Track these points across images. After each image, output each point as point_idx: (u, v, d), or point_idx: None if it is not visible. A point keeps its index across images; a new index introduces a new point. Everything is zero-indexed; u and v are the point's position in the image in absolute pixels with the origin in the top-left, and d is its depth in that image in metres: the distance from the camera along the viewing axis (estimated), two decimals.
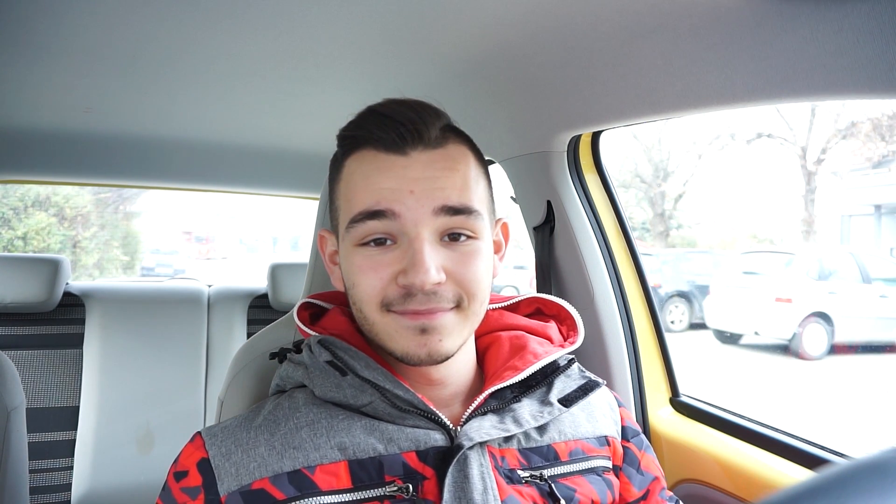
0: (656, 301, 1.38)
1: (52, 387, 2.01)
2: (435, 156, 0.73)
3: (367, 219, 0.71)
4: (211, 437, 0.74)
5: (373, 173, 0.72)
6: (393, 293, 0.71)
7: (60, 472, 1.98)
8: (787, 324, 7.25)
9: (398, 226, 0.71)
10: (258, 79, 1.35)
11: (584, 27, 0.97)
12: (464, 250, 0.72)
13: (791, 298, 7.32)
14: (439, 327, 0.71)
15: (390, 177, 0.71)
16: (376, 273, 0.72)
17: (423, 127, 0.72)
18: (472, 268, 0.73)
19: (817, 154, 11.51)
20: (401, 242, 0.72)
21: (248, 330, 2.31)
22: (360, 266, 0.72)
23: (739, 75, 0.84)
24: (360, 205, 0.72)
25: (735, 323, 8.05)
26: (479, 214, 0.73)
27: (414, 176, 0.71)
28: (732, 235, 14.16)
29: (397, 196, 0.70)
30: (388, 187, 0.71)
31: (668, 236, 13.69)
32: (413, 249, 0.69)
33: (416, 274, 0.68)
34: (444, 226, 0.72)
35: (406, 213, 0.70)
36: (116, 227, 13.12)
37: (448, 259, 0.72)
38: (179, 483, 0.72)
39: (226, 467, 0.71)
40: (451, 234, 0.72)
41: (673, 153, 13.93)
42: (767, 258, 8.54)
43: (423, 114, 0.73)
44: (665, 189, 13.66)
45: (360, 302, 0.74)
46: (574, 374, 0.84)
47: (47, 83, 1.40)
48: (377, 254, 0.72)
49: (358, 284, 0.73)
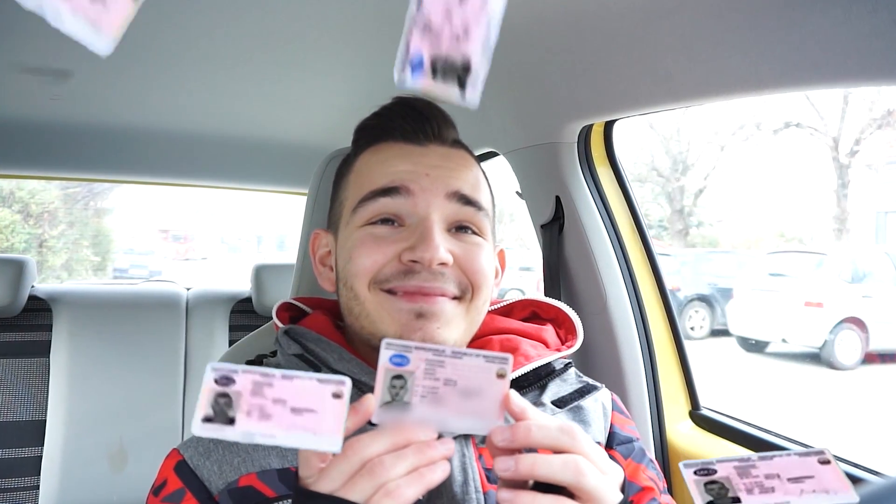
0: (674, 305, 1.38)
1: (16, 399, 2.01)
2: (450, 152, 0.82)
3: (380, 196, 0.77)
4: (185, 444, 0.76)
5: (390, 158, 0.79)
6: (392, 269, 0.75)
7: (25, 492, 1.97)
8: (818, 330, 7.26)
9: (410, 205, 0.76)
10: (241, 63, 1.35)
11: (595, 7, 0.97)
12: (471, 242, 0.78)
13: (822, 303, 7.32)
14: (438, 313, 0.73)
15: (407, 161, 0.78)
16: (378, 247, 0.75)
17: (443, 126, 0.82)
18: (479, 259, 0.77)
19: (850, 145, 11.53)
20: (409, 224, 0.76)
21: (230, 337, 2.31)
22: (362, 240, 0.77)
23: (765, 59, 0.84)
24: (372, 184, 0.78)
25: (761, 329, 8.06)
26: (486, 214, 0.80)
27: (430, 163, 0.79)
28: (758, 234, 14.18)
29: (413, 177, 0.77)
30: (405, 169, 0.77)
31: (688, 235, 13.71)
32: (423, 227, 0.75)
33: (426, 249, 0.72)
34: (454, 214, 0.77)
35: (420, 193, 0.76)
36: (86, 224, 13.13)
37: (456, 246, 0.76)
38: (160, 495, 0.73)
39: (207, 466, 0.73)
40: (459, 227, 0.78)
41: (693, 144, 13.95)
42: (796, 259, 8.55)
43: (443, 116, 0.83)
44: (684, 183, 13.68)
45: (352, 277, 0.77)
46: (570, 379, 0.86)
47: (9, 68, 1.40)
48: (383, 231, 0.77)
49: (354, 258, 0.76)
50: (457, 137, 0.85)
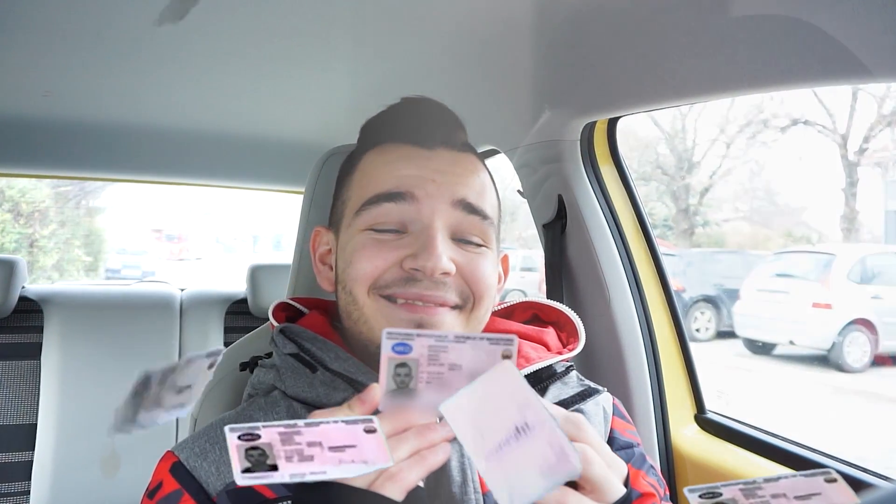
0: (679, 306, 1.38)
1: (6, 402, 2.00)
2: (458, 157, 0.81)
3: (384, 200, 0.77)
4: (180, 445, 0.77)
5: (395, 161, 0.79)
6: (393, 276, 0.75)
7: (15, 498, 1.97)
8: (826, 332, 7.25)
9: (414, 211, 0.76)
10: (237, 58, 1.35)
11: (599, 1, 0.96)
12: (474, 252, 0.79)
13: (830, 304, 7.32)
14: (438, 325, 0.74)
15: (413, 165, 0.78)
16: (379, 253, 0.76)
17: (452, 129, 0.83)
18: (482, 269, 0.78)
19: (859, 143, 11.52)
20: (412, 230, 0.76)
21: (225, 339, 2.30)
22: (364, 245, 0.77)
23: (773, 55, 0.84)
24: (377, 188, 0.78)
25: (768, 331, 8.05)
26: (491, 222, 0.81)
27: (437, 168, 0.78)
28: (764, 234, 14.16)
29: (419, 182, 0.77)
30: (411, 174, 0.78)
31: (693, 234, 13.70)
32: (426, 236, 0.75)
33: (428, 258, 0.73)
34: (457, 223, 0.77)
35: (425, 199, 0.76)
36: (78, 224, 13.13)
37: (459, 255, 0.77)
38: (155, 498, 0.73)
39: (204, 467, 0.73)
40: (462, 239, 0.78)
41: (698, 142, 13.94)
42: (804, 259, 8.55)
43: (452, 119, 0.84)
44: (689, 182, 13.67)
45: (351, 282, 0.77)
46: (572, 382, 0.87)
47: (1, 64, 1.40)
48: (385, 237, 0.77)
49: (355, 263, 0.77)
50: (465, 140, 0.85)
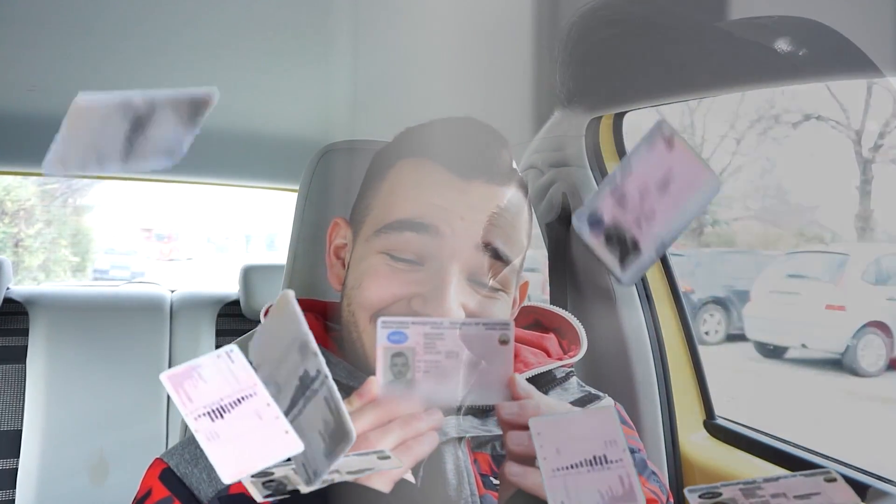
0: (688, 308, 1.38)
1: None
2: (496, 192, 0.77)
3: (407, 229, 0.74)
4: (169, 452, 0.77)
5: (427, 185, 0.76)
6: (398, 310, 0.74)
7: None
8: (840, 335, 7.25)
9: (435, 247, 0.74)
10: (228, 51, 1.35)
11: None
12: (489, 296, 0.77)
13: (844, 306, 7.31)
14: None
15: (445, 196, 0.75)
16: (390, 285, 0.74)
17: (495, 157, 0.78)
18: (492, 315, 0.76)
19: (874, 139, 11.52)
20: (428, 267, 0.74)
21: (216, 342, 2.30)
22: (378, 271, 0.75)
23: (784, 48, 0.84)
24: (402, 212, 0.75)
25: (779, 334, 8.05)
26: (514, 269, 0.78)
27: (469, 203, 0.75)
28: (776, 233, 14.17)
29: (446, 217, 0.74)
30: (440, 205, 0.74)
31: (702, 234, 13.71)
32: (440, 279, 0.73)
33: (437, 306, 0.71)
34: (478, 266, 0.75)
35: (449, 237, 0.74)
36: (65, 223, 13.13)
37: (471, 299, 0.75)
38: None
39: (195, 473, 0.73)
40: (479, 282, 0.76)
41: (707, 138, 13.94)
42: (817, 259, 8.55)
43: (496, 143, 0.79)
44: None
45: (356, 305, 0.77)
46: (572, 388, 0.88)
47: None
48: (400, 266, 0.75)
49: (365, 287, 0.76)
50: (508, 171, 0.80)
